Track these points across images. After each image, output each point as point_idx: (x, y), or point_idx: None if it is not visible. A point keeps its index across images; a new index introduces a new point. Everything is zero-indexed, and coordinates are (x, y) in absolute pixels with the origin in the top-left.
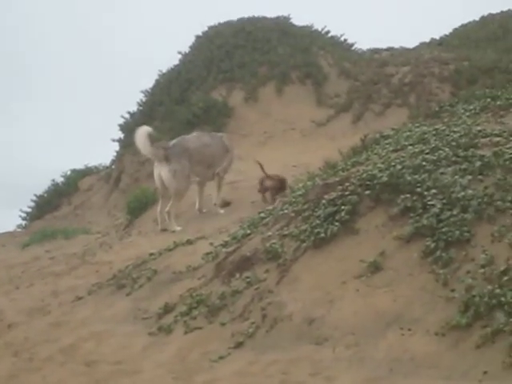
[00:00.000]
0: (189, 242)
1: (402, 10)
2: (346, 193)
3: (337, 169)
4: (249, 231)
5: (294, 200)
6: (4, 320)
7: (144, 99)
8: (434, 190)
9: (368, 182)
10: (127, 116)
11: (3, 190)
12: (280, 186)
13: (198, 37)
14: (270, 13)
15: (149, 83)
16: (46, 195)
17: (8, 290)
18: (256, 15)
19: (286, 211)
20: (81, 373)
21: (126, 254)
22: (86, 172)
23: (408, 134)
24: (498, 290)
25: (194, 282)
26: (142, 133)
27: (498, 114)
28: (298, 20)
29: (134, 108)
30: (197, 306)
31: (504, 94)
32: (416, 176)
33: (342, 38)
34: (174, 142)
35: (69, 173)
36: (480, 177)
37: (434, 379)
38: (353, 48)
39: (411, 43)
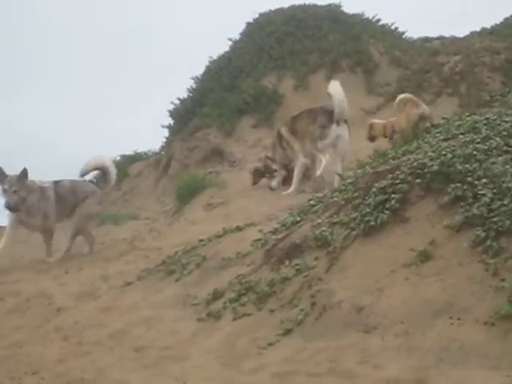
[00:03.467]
0: (238, 229)
1: None
2: (397, 181)
3: (387, 157)
4: (298, 218)
5: (343, 188)
6: (53, 304)
7: (194, 86)
8: (484, 180)
9: (418, 171)
10: (177, 102)
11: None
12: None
13: (248, 24)
14: (321, 0)
15: (199, 70)
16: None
17: (58, 275)
18: (307, 2)
19: (335, 199)
20: (129, 358)
21: (175, 239)
22: (136, 158)
23: (459, 123)
24: None
25: (243, 268)
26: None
27: None
28: (349, 8)
29: (184, 95)
30: (246, 292)
31: None
32: (467, 165)
33: (393, 27)
34: None
35: (118, 159)
36: None
37: (482, 369)
38: (403, 36)
39: (462, 32)
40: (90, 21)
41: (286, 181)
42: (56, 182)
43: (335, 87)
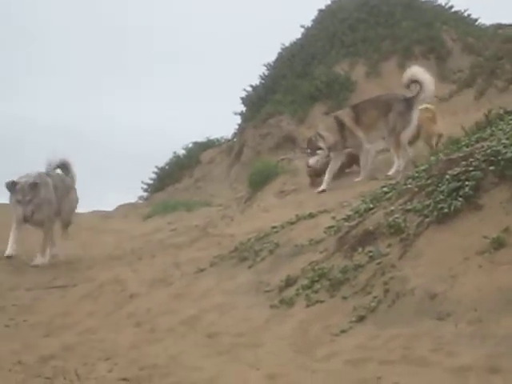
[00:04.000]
0: (311, 216)
1: None
2: (470, 168)
3: (460, 144)
4: (371, 205)
5: (417, 175)
6: (126, 290)
7: (266, 73)
8: None
9: (492, 158)
10: (249, 89)
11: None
12: None
13: (320, 11)
14: None
15: (272, 57)
16: (167, 167)
17: (131, 261)
18: None
19: (409, 186)
20: (202, 344)
21: (248, 226)
22: (208, 145)
23: None
24: None
25: (316, 255)
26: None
27: None
28: None
29: (256, 81)
30: (318, 279)
31: None
32: None
33: (466, 13)
34: None
35: (190, 145)
36: None
37: None
38: (476, 23)
39: None
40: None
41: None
42: (48, 174)
43: (421, 72)
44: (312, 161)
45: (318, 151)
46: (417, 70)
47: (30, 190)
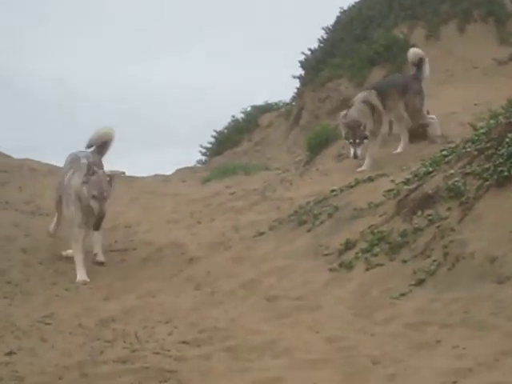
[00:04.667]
0: (370, 179)
1: None
2: None
3: None
4: (431, 169)
5: (476, 138)
6: (186, 254)
7: (325, 36)
8: None
9: None
10: (308, 53)
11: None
12: None
13: None
14: None
15: (330, 20)
16: (225, 131)
17: (190, 225)
18: None
19: (468, 149)
20: (262, 307)
21: (307, 190)
22: (266, 108)
23: None
24: None
25: (375, 218)
26: None
27: None
28: None
29: (314, 45)
30: (378, 242)
31: None
32: None
33: None
34: None
35: (249, 109)
36: None
37: None
38: None
39: None
40: None
41: None
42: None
43: (420, 51)
44: (359, 152)
45: (365, 140)
46: (415, 51)
47: (107, 184)
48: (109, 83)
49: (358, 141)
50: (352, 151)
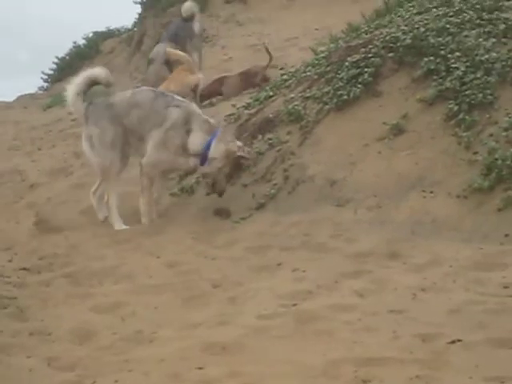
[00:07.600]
0: (211, 104)
1: None
2: (369, 55)
3: (360, 31)
4: (271, 93)
5: (316, 62)
6: (26, 180)
7: None
8: (457, 53)
9: (391, 45)
10: None
11: (25, 53)
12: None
13: None
14: None
15: None
16: (67, 57)
17: (30, 151)
18: None
19: (308, 73)
20: (102, 233)
21: None
22: (108, 34)
23: None
24: None
25: None
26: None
27: None
28: None
29: None
30: None
31: None
32: (440, 39)
33: None
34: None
35: (91, 35)
36: (504, 40)
37: (454, 241)
38: None
39: None
40: None
41: None
42: None
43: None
44: None
45: None
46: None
47: None
48: None
49: None
50: None
